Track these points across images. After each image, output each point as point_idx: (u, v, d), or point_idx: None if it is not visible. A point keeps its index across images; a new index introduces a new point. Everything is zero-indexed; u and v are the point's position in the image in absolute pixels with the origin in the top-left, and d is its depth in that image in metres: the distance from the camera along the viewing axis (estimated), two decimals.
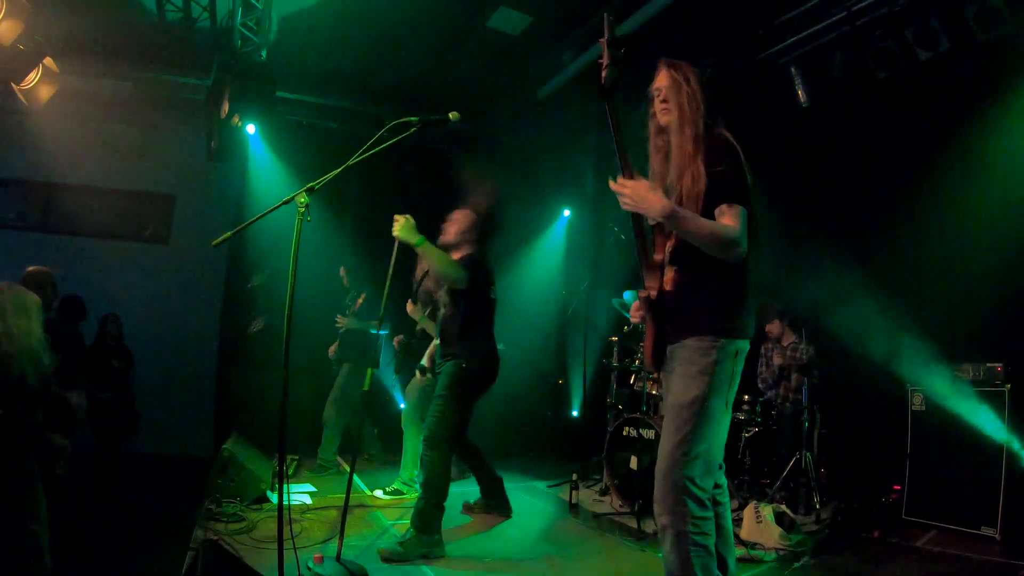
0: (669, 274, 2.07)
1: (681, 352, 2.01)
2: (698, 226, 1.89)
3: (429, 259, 3.22)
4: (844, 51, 4.38)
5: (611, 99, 1.93)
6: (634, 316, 2.20)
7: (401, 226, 3.09)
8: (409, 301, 4.59)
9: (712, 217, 1.93)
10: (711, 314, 1.96)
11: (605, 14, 1.96)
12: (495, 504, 4.03)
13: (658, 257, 2.12)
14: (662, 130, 2.11)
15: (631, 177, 1.94)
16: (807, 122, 4.86)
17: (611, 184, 1.95)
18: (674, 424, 1.95)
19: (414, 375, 4.65)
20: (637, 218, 2.07)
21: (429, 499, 3.23)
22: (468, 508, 4.09)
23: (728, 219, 1.90)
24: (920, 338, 4.28)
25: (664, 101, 2.08)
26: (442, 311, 3.64)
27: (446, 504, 3.30)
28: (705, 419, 1.92)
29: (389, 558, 3.03)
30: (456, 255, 3.56)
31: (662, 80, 2.10)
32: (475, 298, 3.49)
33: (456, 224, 3.66)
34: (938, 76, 4.16)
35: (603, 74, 1.92)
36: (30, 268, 3.14)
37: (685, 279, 2.03)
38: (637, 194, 1.90)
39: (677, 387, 1.98)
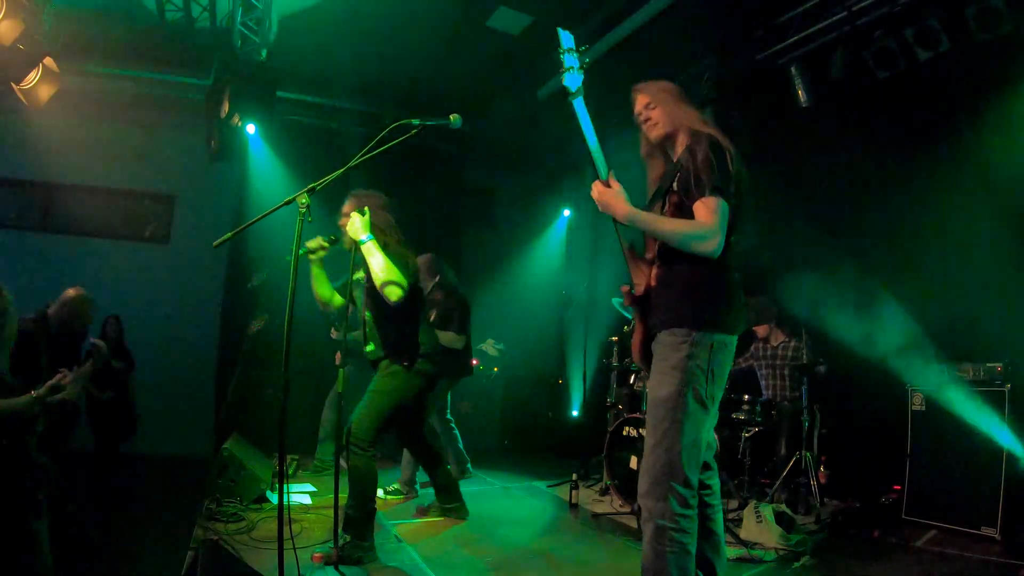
0: (654, 270, 2.11)
1: (656, 348, 2.03)
2: (661, 227, 1.97)
3: (373, 259, 2.91)
4: (844, 51, 4.38)
5: (577, 103, 2.01)
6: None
7: (359, 224, 2.92)
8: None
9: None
10: (685, 307, 1.97)
11: (558, 28, 2.04)
12: (452, 508, 3.81)
13: (649, 255, 2.16)
14: (654, 146, 2.20)
15: (606, 180, 2.06)
16: (807, 122, 4.86)
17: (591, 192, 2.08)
18: (652, 422, 1.97)
19: None
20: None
21: None
22: (423, 511, 3.91)
23: (702, 213, 1.90)
24: (920, 338, 4.28)
25: (647, 120, 2.17)
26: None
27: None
28: (682, 416, 1.91)
29: None
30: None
31: (640, 103, 2.19)
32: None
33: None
34: (938, 76, 4.16)
35: (564, 81, 2.00)
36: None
37: (664, 273, 2.07)
38: (603, 200, 2.05)
39: (653, 383, 2.01)
